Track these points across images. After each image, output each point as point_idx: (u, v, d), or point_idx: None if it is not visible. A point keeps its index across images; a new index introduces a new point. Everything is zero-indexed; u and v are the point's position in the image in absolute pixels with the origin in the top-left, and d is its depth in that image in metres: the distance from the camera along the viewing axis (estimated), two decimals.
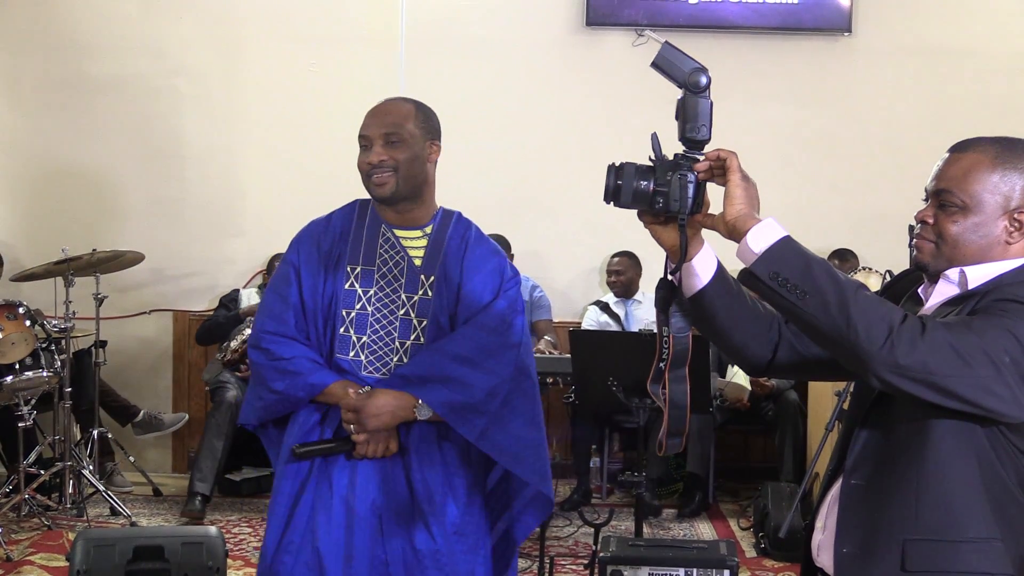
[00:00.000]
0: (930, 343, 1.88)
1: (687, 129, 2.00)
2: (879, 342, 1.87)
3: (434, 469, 2.93)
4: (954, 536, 2.02)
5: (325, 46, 7.03)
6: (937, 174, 2.11)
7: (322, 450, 2.90)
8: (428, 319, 2.95)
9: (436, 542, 2.89)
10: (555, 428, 6.89)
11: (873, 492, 2.09)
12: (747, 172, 1.99)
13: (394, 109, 3.00)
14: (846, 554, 2.10)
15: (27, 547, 5.40)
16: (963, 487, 2.02)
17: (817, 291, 1.90)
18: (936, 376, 1.88)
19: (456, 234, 3.04)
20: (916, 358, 1.87)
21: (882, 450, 2.10)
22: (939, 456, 2.03)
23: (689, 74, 2.00)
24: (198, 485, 5.98)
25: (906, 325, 1.88)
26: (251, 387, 3.07)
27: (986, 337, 1.90)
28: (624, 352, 4.74)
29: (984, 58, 7.01)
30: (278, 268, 3.09)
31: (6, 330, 5.48)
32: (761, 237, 1.94)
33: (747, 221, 1.96)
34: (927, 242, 2.11)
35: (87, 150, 7.06)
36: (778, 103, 6.97)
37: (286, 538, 2.90)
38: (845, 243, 6.84)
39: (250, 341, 3.04)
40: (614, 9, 6.98)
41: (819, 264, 1.93)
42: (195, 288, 7.09)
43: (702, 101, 1.99)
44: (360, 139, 2.98)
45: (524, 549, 5.52)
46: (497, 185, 7.03)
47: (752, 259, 1.94)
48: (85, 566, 3.70)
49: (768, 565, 5.37)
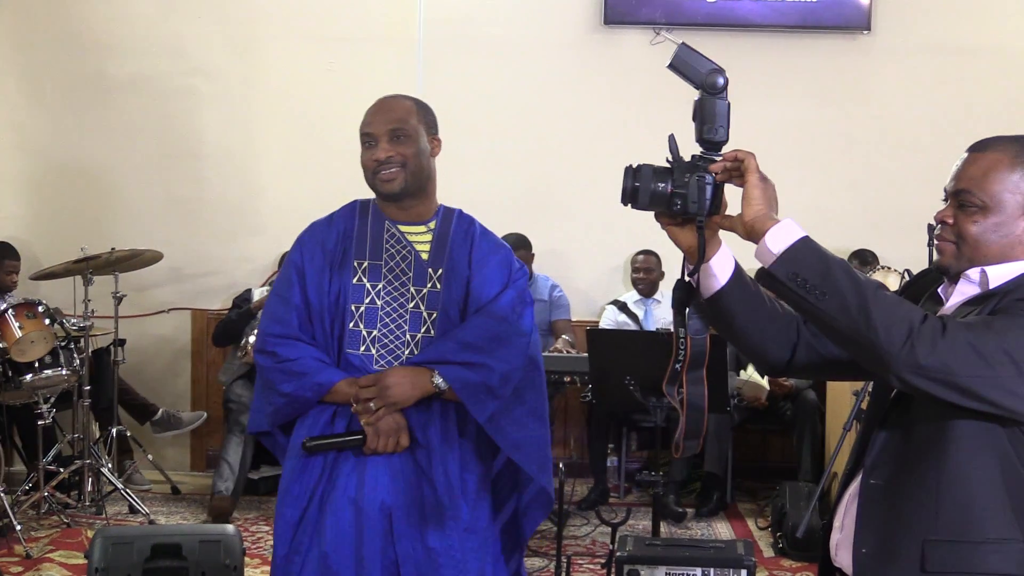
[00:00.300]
0: (951, 343, 1.87)
1: (704, 130, 2.00)
2: (899, 343, 1.86)
3: (450, 465, 2.92)
4: (974, 537, 2.01)
5: (343, 46, 7.04)
6: (956, 174, 2.10)
7: (333, 444, 2.89)
8: (438, 311, 2.95)
9: (450, 540, 2.88)
10: (572, 427, 6.89)
11: (892, 492, 2.08)
12: (764, 172, 1.98)
13: (396, 105, 3.00)
14: (865, 554, 2.10)
15: (46, 544, 5.43)
16: (983, 488, 2.01)
17: (836, 292, 1.89)
18: (957, 376, 1.88)
19: (460, 229, 3.04)
20: (937, 359, 1.87)
21: (901, 450, 2.09)
22: (959, 457, 2.02)
23: (706, 75, 1.99)
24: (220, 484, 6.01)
25: (927, 325, 1.88)
26: (259, 393, 3.07)
27: (1007, 337, 1.90)
28: (642, 351, 4.73)
29: (1004, 56, 6.97)
30: (281, 271, 3.09)
31: (25, 328, 5.51)
32: (780, 238, 1.93)
33: (765, 222, 1.95)
34: (948, 243, 2.10)
35: (106, 149, 7.09)
36: (796, 102, 6.94)
37: (296, 540, 2.89)
38: (864, 242, 6.82)
39: (256, 346, 3.04)
40: (631, 8, 6.97)
41: (838, 264, 1.92)
42: (213, 287, 7.11)
43: (719, 102, 1.99)
44: (364, 137, 2.97)
45: (541, 548, 5.52)
46: (515, 184, 7.03)
47: (771, 260, 1.93)
48: (103, 564, 3.71)
49: (786, 565, 5.36)
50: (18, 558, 5.21)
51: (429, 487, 2.89)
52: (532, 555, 5.45)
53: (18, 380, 5.58)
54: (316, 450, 2.89)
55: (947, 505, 2.02)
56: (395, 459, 2.89)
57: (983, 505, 2.01)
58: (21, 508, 5.65)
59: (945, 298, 2.15)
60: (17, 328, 5.49)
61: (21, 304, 5.62)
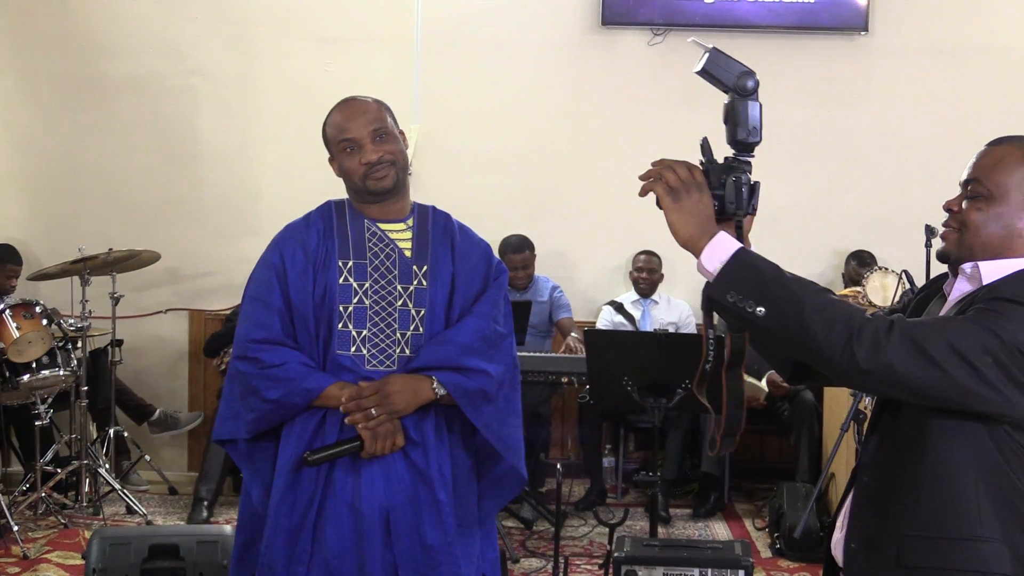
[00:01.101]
0: (895, 345, 1.89)
1: (737, 132, 2.04)
2: (839, 347, 1.90)
3: (444, 462, 2.93)
4: (950, 533, 2.03)
5: (340, 46, 7.04)
6: (971, 164, 2.14)
7: (334, 453, 2.86)
8: (426, 308, 2.95)
9: (448, 536, 2.89)
10: (570, 428, 6.89)
11: (879, 490, 2.12)
12: (680, 186, 1.99)
13: (368, 107, 2.99)
14: (853, 549, 2.14)
15: (43, 545, 5.43)
16: (962, 485, 2.03)
17: (772, 303, 1.92)
18: (903, 378, 1.91)
19: (438, 224, 3.04)
20: (879, 361, 1.89)
21: (889, 449, 2.12)
22: (939, 455, 2.04)
23: (737, 78, 2.03)
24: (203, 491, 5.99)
25: (868, 327, 1.90)
26: (233, 400, 2.97)
27: (963, 337, 1.92)
28: (640, 352, 4.73)
29: (1002, 57, 6.97)
30: (255, 274, 3.00)
31: (23, 329, 5.51)
32: (714, 255, 1.97)
33: (697, 243, 1.99)
34: (951, 231, 2.13)
35: (103, 150, 7.08)
36: (794, 103, 6.94)
37: (299, 548, 2.86)
38: (861, 243, 6.82)
39: (235, 352, 2.94)
40: (629, 9, 6.97)
41: (773, 275, 1.95)
42: (211, 287, 7.10)
43: (751, 104, 2.03)
44: (343, 143, 2.95)
45: (539, 549, 5.52)
46: (511, 185, 7.04)
47: (710, 279, 1.97)
48: (101, 564, 3.72)
49: (783, 565, 5.36)
50: (15, 559, 5.20)
51: (425, 486, 2.88)
52: (530, 556, 5.46)
53: (15, 380, 5.58)
54: (319, 462, 2.86)
55: (926, 502, 2.05)
56: (390, 461, 2.87)
57: (961, 503, 2.03)
58: (18, 509, 5.65)
59: (948, 294, 2.17)
60: (14, 328, 5.49)
61: (18, 304, 5.62)
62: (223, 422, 3.01)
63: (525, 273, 6.64)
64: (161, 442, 6.85)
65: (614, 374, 4.58)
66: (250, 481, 3.01)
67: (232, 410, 2.98)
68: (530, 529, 5.88)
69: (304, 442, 2.89)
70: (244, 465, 3.03)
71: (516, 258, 6.59)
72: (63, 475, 5.89)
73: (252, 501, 2.98)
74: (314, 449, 2.87)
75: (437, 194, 3.93)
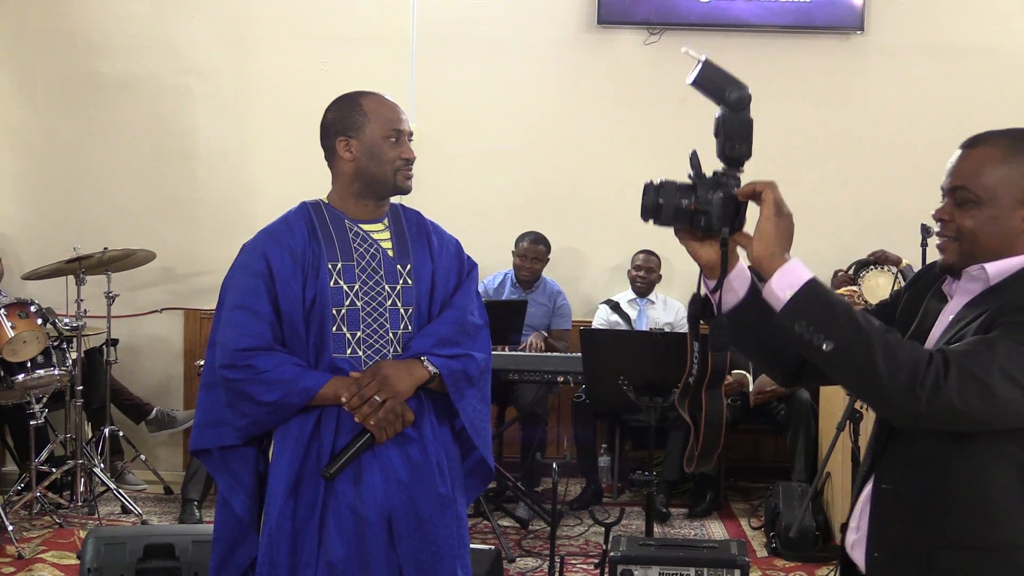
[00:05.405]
0: (952, 383, 1.88)
1: (727, 147, 2.00)
2: (903, 391, 1.89)
3: (441, 456, 2.95)
4: (983, 543, 2.01)
5: (337, 45, 7.03)
6: (950, 171, 2.11)
7: (350, 457, 2.84)
8: (413, 306, 2.98)
9: (449, 529, 2.92)
10: (566, 428, 6.88)
11: (903, 498, 2.09)
12: (783, 203, 1.99)
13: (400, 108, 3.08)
14: (877, 558, 2.11)
15: (38, 545, 5.42)
16: (996, 496, 2.01)
17: (841, 338, 1.91)
18: (962, 414, 1.90)
19: (411, 222, 3.08)
20: (940, 402, 1.88)
21: (913, 456, 2.09)
22: (968, 463, 2.02)
23: (729, 91, 2.01)
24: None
25: (932, 372, 1.88)
26: (217, 406, 2.92)
27: (1011, 359, 1.91)
28: (635, 352, 4.73)
29: (997, 56, 6.97)
30: (236, 281, 2.97)
31: (18, 328, 5.49)
32: (786, 282, 1.95)
33: (773, 262, 1.97)
34: (949, 241, 2.11)
35: (99, 149, 7.07)
36: (790, 102, 6.94)
37: (305, 552, 2.85)
38: (858, 243, 6.79)
39: (223, 361, 2.88)
40: (625, 8, 6.96)
41: (843, 309, 1.94)
42: (206, 287, 7.08)
43: (743, 118, 2.00)
44: (393, 132, 2.98)
45: (535, 548, 5.52)
46: (508, 185, 7.03)
47: (778, 305, 1.96)
48: (96, 564, 3.71)
49: (779, 565, 5.36)
50: (10, 559, 5.19)
51: (424, 482, 2.90)
52: (526, 555, 5.46)
53: (10, 380, 5.57)
54: (339, 472, 2.83)
55: (957, 513, 2.03)
56: (388, 461, 2.88)
57: (994, 514, 2.01)
58: (13, 508, 5.64)
59: (950, 295, 2.16)
60: (9, 328, 5.48)
61: (13, 304, 5.61)
62: (203, 431, 2.96)
63: (532, 266, 6.62)
64: (156, 442, 6.84)
65: (610, 373, 4.58)
66: (229, 490, 2.96)
67: (215, 417, 2.93)
68: (526, 528, 5.88)
69: (303, 445, 2.88)
70: (220, 474, 2.98)
71: (529, 247, 6.60)
72: (58, 475, 5.88)
73: (233, 510, 2.95)
74: (329, 462, 2.85)
75: (431, 193, 3.94)
